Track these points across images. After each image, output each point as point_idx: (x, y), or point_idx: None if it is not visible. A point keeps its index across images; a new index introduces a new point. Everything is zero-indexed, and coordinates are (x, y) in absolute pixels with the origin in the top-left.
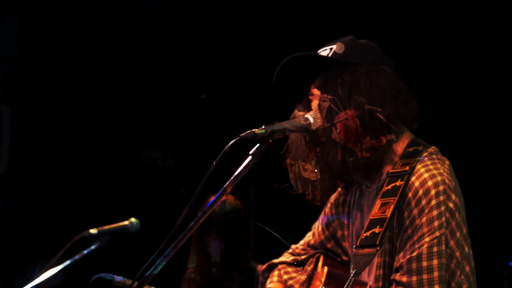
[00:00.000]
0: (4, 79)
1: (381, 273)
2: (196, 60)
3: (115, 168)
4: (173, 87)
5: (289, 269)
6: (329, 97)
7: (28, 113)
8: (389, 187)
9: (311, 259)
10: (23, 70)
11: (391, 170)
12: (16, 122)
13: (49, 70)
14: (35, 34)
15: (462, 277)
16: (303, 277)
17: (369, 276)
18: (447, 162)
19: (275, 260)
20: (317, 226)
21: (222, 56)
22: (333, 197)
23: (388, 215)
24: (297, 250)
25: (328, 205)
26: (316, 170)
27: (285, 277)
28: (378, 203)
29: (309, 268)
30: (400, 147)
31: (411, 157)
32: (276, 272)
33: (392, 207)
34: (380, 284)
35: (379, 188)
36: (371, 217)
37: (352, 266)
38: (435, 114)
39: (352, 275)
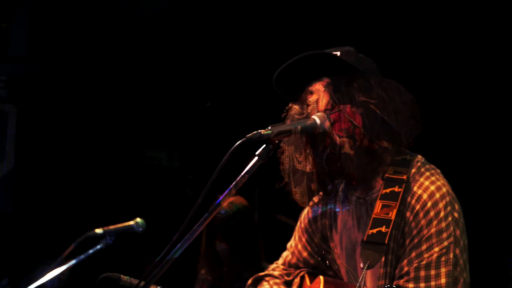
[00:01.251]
0: (10, 79)
1: (385, 271)
2: (202, 61)
3: (121, 168)
4: (179, 87)
5: (278, 281)
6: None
7: (34, 113)
8: (387, 190)
9: (295, 280)
10: (28, 70)
11: (386, 175)
12: (21, 121)
13: (55, 70)
14: (41, 35)
15: (463, 282)
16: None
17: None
18: (439, 171)
19: (261, 274)
20: (295, 245)
21: (228, 57)
22: (307, 214)
23: (393, 218)
24: (277, 269)
25: (303, 223)
26: (310, 162)
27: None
28: (378, 203)
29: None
30: (388, 156)
31: (401, 165)
32: (265, 283)
33: (395, 211)
34: (387, 282)
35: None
36: (374, 216)
37: (362, 259)
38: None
39: (365, 268)
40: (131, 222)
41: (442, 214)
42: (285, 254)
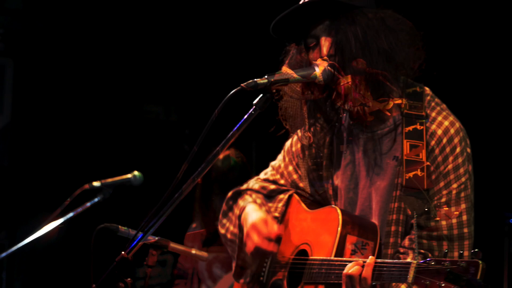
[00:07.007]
0: (7, 31)
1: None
2: (197, 13)
3: (119, 122)
4: (176, 41)
5: (260, 195)
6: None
7: (31, 66)
8: (410, 128)
9: (282, 196)
10: (25, 22)
11: (405, 111)
12: (18, 75)
13: (52, 22)
14: None
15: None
16: (280, 205)
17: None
18: (445, 105)
19: (241, 188)
20: (285, 166)
21: (224, 8)
22: (301, 139)
23: (425, 160)
24: (258, 182)
25: (295, 147)
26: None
27: (259, 201)
28: (406, 144)
29: (280, 205)
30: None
31: (414, 98)
32: (247, 196)
33: (424, 151)
34: (395, 240)
35: (393, 129)
36: (406, 157)
37: (405, 206)
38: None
39: (415, 217)
40: (129, 175)
41: (458, 149)
42: (270, 172)
